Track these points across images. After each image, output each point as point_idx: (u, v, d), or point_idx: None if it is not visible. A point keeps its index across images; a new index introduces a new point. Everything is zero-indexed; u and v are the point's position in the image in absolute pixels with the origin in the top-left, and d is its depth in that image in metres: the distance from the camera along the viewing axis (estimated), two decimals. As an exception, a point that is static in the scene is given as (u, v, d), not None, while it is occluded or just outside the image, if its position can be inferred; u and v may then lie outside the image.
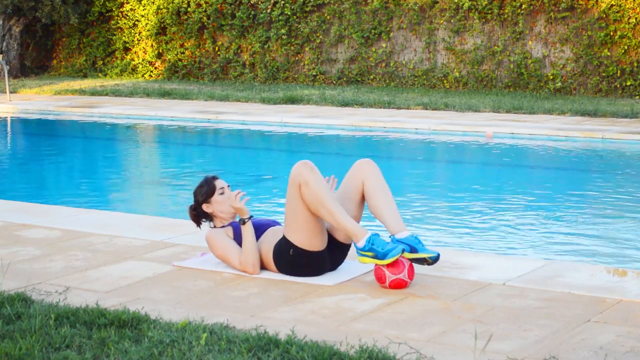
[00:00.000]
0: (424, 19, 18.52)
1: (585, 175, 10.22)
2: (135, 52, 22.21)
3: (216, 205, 5.07)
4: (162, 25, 21.48)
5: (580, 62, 17.02)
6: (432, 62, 18.49)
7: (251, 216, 4.86)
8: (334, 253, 4.90)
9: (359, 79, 19.28)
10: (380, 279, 4.64)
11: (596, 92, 16.91)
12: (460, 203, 8.53)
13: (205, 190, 5.08)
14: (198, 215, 5.15)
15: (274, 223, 5.09)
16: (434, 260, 4.65)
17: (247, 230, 4.83)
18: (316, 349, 3.59)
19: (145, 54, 21.96)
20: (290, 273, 4.85)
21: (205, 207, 5.09)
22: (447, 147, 12.27)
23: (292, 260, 4.80)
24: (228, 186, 5.13)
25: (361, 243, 4.64)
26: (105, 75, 22.43)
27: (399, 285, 4.61)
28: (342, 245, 4.94)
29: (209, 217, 5.12)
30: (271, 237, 4.93)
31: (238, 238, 4.99)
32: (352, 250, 5.30)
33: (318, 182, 4.66)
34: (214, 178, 5.13)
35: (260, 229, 5.01)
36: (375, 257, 4.61)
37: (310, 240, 4.76)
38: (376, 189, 4.85)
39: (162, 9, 21.36)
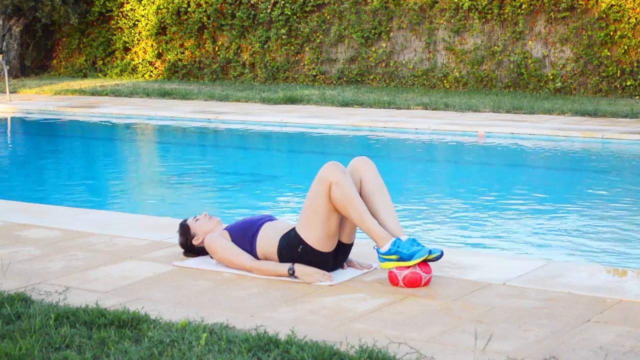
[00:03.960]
0: (424, 19, 18.52)
1: (585, 175, 10.22)
2: (135, 52, 22.21)
3: (199, 231, 5.20)
4: (162, 25, 21.48)
5: (580, 62, 17.02)
6: (432, 62, 18.49)
7: (292, 273, 4.85)
8: (337, 254, 4.91)
9: (359, 79, 19.29)
10: (400, 269, 4.64)
11: (596, 92, 16.91)
12: (460, 203, 8.53)
13: (185, 233, 5.24)
14: (195, 251, 5.26)
15: (270, 218, 5.11)
16: (439, 257, 4.67)
17: (282, 274, 4.84)
18: (316, 349, 3.59)
19: (145, 54, 21.96)
20: None
21: (195, 242, 5.21)
22: (447, 147, 12.27)
23: (298, 256, 4.81)
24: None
25: (385, 247, 4.66)
26: (105, 75, 22.43)
27: (413, 281, 4.62)
28: (345, 245, 4.95)
29: (202, 246, 5.21)
30: (271, 233, 4.95)
31: (235, 241, 5.02)
32: (363, 249, 5.30)
33: (349, 183, 4.70)
34: (183, 221, 5.30)
35: (254, 224, 5.03)
36: (400, 259, 4.63)
37: (322, 241, 4.79)
38: (374, 190, 4.85)
39: (162, 9, 21.37)
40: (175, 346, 3.66)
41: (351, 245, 4.99)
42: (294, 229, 4.87)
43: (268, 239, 4.95)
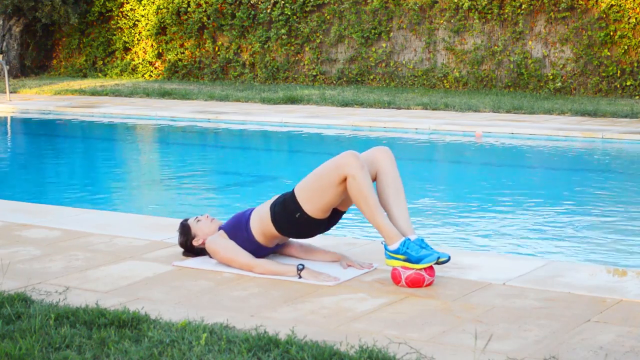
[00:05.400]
0: (424, 19, 18.52)
1: (585, 175, 10.22)
2: (135, 52, 22.22)
3: (200, 232, 5.19)
4: (162, 25, 21.48)
5: (580, 62, 17.02)
6: (432, 62, 18.49)
7: (301, 270, 4.85)
8: (330, 221, 4.97)
9: (359, 79, 19.29)
10: (405, 269, 4.63)
11: (596, 92, 16.91)
12: (460, 203, 8.53)
13: (185, 233, 5.22)
14: (195, 252, 5.25)
15: (253, 208, 5.11)
16: (445, 262, 4.66)
17: (288, 274, 4.85)
18: (316, 349, 3.59)
19: (145, 54, 21.97)
20: (287, 231, 4.93)
21: (195, 243, 5.19)
22: (447, 147, 12.28)
23: (295, 222, 4.86)
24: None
25: (394, 246, 4.65)
26: (105, 75, 22.43)
27: (415, 282, 4.62)
28: (340, 212, 4.99)
29: (202, 247, 5.20)
30: (261, 210, 4.99)
31: (232, 237, 5.03)
32: (363, 248, 5.31)
33: (366, 179, 4.69)
34: (184, 221, 5.27)
35: (244, 214, 5.09)
36: (407, 260, 4.62)
37: (320, 212, 4.83)
38: (391, 185, 4.84)
39: (162, 9, 21.37)
40: (175, 346, 3.66)
41: (345, 211, 5.01)
42: (289, 193, 4.88)
43: (259, 214, 4.98)
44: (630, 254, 6.60)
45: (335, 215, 4.96)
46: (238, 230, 5.03)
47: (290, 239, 5.26)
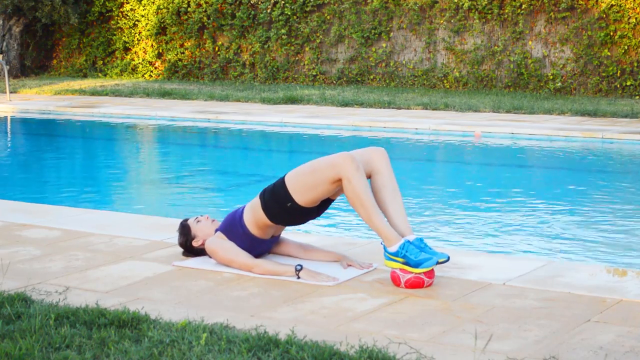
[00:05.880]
0: (424, 19, 18.53)
1: (585, 175, 10.22)
2: (135, 52, 22.22)
3: (200, 232, 5.19)
4: (162, 25, 21.49)
5: (580, 62, 17.02)
6: (432, 62, 18.50)
7: (299, 271, 4.84)
8: (320, 209, 4.98)
9: (359, 79, 19.29)
10: (404, 272, 4.63)
11: (596, 92, 16.91)
12: (460, 203, 8.53)
13: (185, 233, 5.21)
14: (194, 252, 5.25)
15: (245, 205, 5.12)
16: (445, 262, 4.65)
17: (287, 274, 4.84)
18: (316, 349, 3.59)
19: (145, 54, 21.97)
20: (279, 219, 4.93)
21: (195, 244, 5.19)
22: (447, 147, 12.28)
23: (286, 211, 4.87)
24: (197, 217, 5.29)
25: (393, 248, 4.64)
26: (105, 75, 22.43)
27: (415, 285, 4.62)
28: (331, 201, 5.00)
29: (201, 248, 5.20)
30: (252, 202, 5.00)
31: (230, 236, 5.04)
32: (363, 249, 5.31)
33: (362, 181, 4.68)
34: (184, 221, 5.26)
35: (237, 211, 5.09)
36: (406, 263, 4.61)
37: (310, 203, 4.85)
38: (387, 185, 4.83)
39: (162, 9, 21.38)
40: (175, 346, 3.66)
41: (334, 200, 5.02)
42: (280, 181, 4.89)
43: (251, 206, 4.99)
44: (631, 254, 6.60)
45: (325, 204, 4.98)
46: (233, 227, 5.03)
47: (290, 240, 5.26)
